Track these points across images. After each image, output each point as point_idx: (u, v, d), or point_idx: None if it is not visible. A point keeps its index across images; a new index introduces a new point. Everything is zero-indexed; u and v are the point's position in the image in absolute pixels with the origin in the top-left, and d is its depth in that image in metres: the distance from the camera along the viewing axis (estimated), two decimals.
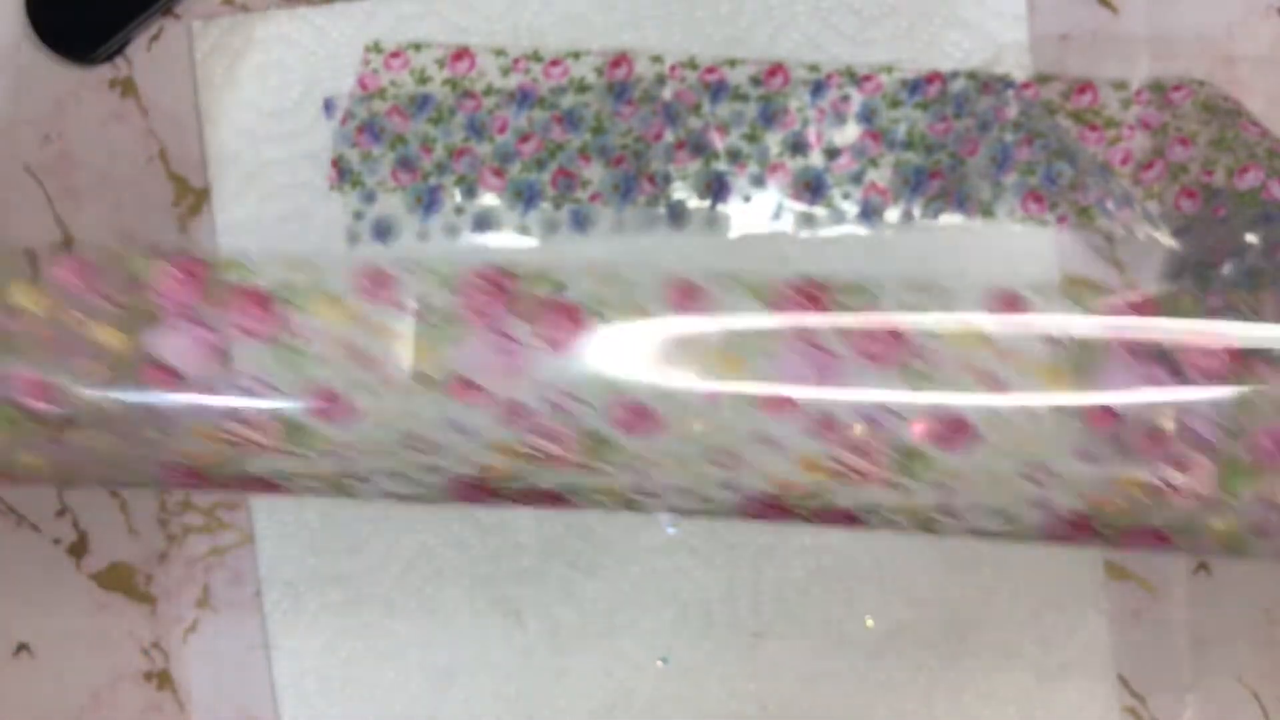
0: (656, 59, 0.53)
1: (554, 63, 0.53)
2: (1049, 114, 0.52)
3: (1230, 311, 0.47)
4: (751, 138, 0.52)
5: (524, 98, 0.53)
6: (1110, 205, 0.49)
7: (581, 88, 0.53)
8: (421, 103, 0.52)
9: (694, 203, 0.52)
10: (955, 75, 0.52)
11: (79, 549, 0.54)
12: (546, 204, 0.53)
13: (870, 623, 0.52)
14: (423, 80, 0.53)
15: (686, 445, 0.38)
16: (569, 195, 0.53)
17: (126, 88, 0.54)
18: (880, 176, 0.52)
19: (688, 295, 0.38)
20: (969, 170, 0.51)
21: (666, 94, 0.52)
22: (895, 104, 0.52)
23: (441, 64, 0.53)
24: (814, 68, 0.52)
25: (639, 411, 0.38)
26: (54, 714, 0.54)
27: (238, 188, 0.53)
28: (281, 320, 0.37)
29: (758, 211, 0.53)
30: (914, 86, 0.52)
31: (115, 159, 0.54)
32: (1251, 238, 0.47)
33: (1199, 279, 0.48)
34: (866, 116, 0.52)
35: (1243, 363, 0.37)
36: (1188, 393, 0.37)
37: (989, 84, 0.51)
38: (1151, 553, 0.37)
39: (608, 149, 0.53)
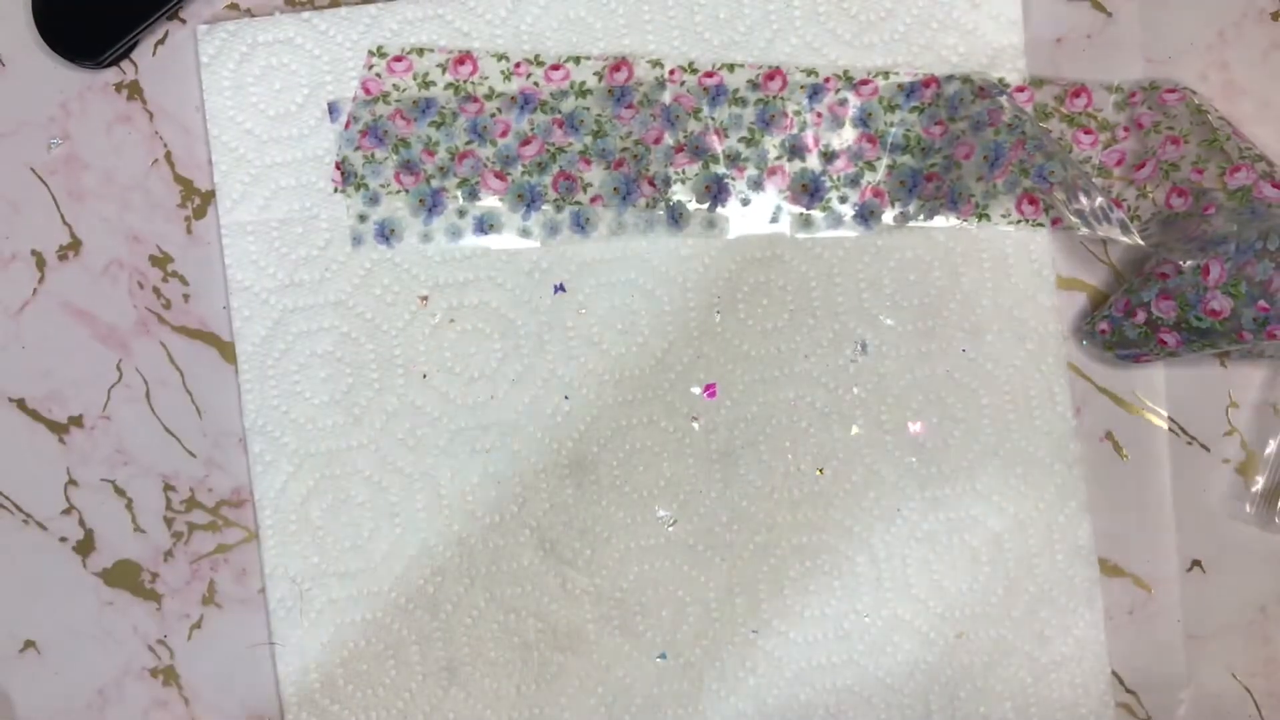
0: (656, 63, 0.53)
1: (555, 67, 0.53)
2: (1044, 117, 0.52)
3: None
4: (750, 141, 0.53)
5: (525, 101, 0.53)
6: (1087, 213, 0.50)
7: (582, 92, 0.53)
8: (424, 106, 0.53)
9: (693, 205, 0.53)
10: (950, 79, 0.52)
11: (85, 546, 0.54)
12: (548, 206, 0.53)
13: (867, 620, 0.52)
14: (425, 84, 0.53)
15: None
16: (570, 197, 0.53)
17: (132, 91, 0.54)
18: (877, 179, 0.53)
19: None
20: (964, 173, 0.52)
21: (666, 98, 0.53)
22: (892, 107, 0.53)
23: (444, 68, 0.53)
24: (811, 72, 0.53)
25: None
26: (61, 710, 0.54)
27: (243, 190, 0.53)
28: None
29: (756, 214, 0.53)
30: (910, 90, 0.53)
31: (121, 161, 0.54)
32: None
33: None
34: (863, 120, 0.53)
35: None
36: None
37: (984, 88, 0.51)
38: None
39: (608, 152, 0.53)
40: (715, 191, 0.53)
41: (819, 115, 0.53)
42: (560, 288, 0.53)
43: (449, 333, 0.53)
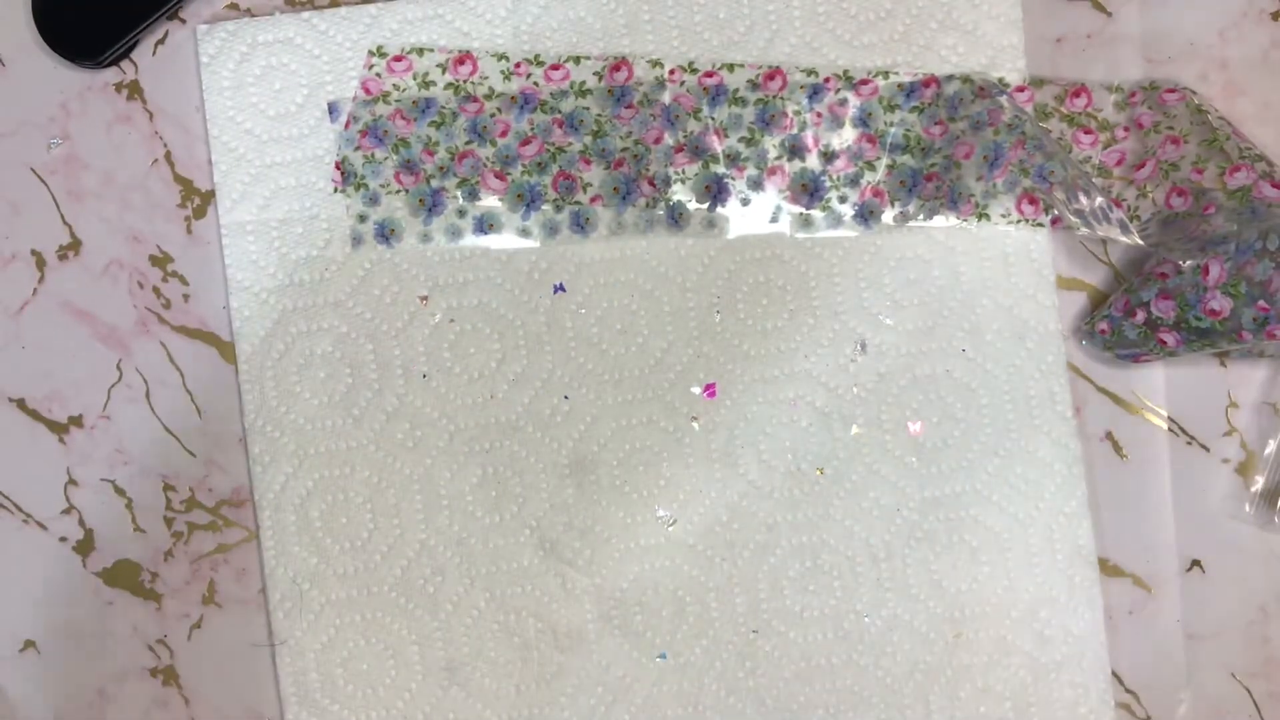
0: (656, 63, 0.53)
1: (555, 67, 0.53)
2: (1044, 117, 0.52)
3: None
4: (750, 141, 0.53)
5: (525, 101, 0.53)
6: (1087, 213, 0.50)
7: (582, 91, 0.53)
8: (424, 106, 0.53)
9: (693, 205, 0.53)
10: (951, 79, 0.52)
11: (85, 546, 0.54)
12: (548, 206, 0.53)
13: (867, 620, 0.52)
14: (425, 84, 0.53)
15: None
16: (570, 197, 0.53)
17: (132, 91, 0.54)
18: (877, 179, 0.53)
19: None
20: (964, 172, 0.52)
21: (666, 98, 0.53)
22: (891, 107, 0.53)
23: (444, 68, 0.53)
24: (811, 72, 0.53)
25: None
26: (61, 710, 0.54)
27: (243, 190, 0.53)
28: None
29: (756, 214, 0.53)
30: (910, 90, 0.53)
31: (121, 161, 0.54)
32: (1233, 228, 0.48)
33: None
34: (863, 120, 0.53)
35: None
36: None
37: (984, 88, 0.51)
38: None
39: (608, 152, 0.53)
40: (715, 191, 0.53)
41: (819, 115, 0.53)
42: (560, 288, 0.53)
43: (448, 333, 0.53)
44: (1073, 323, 0.53)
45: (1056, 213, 0.52)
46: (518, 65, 0.53)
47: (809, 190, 0.53)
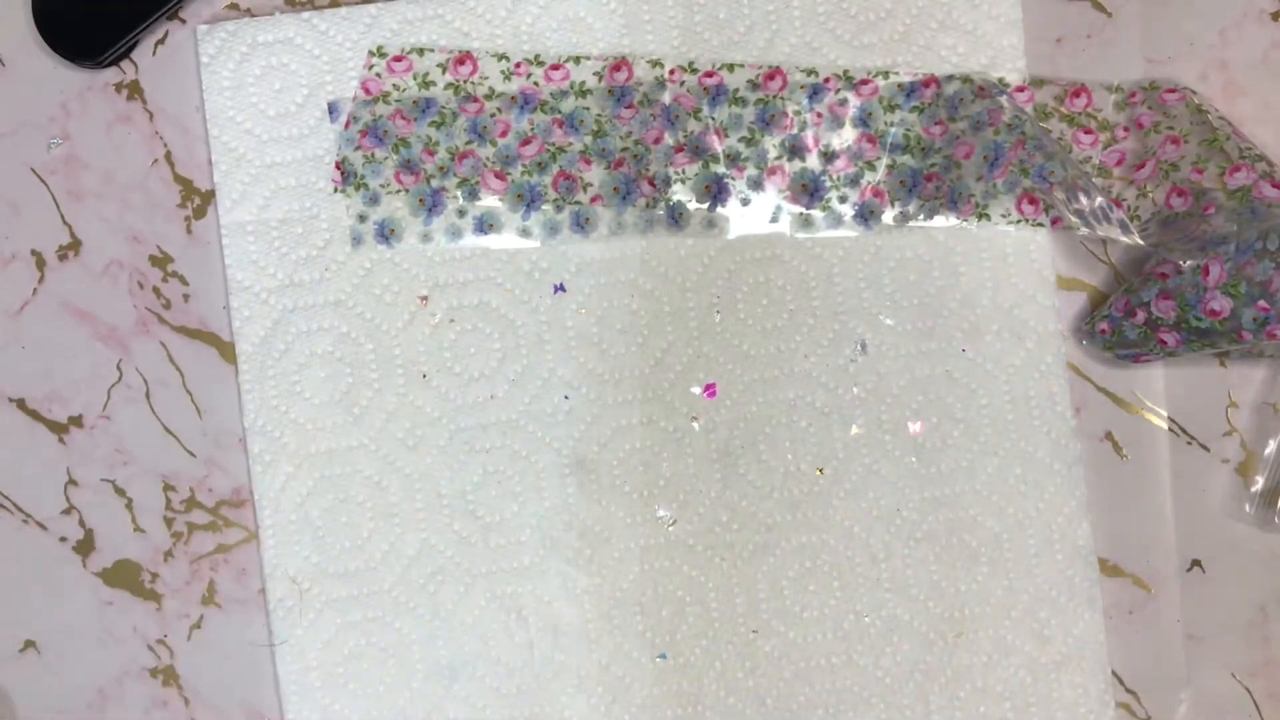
0: (656, 63, 0.53)
1: (555, 67, 0.53)
2: (1044, 117, 0.52)
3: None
4: (750, 141, 0.53)
5: (525, 101, 0.53)
6: (1087, 213, 0.50)
7: (582, 92, 0.53)
8: (424, 106, 0.53)
9: (693, 205, 0.53)
10: (951, 79, 0.52)
11: (85, 546, 0.54)
12: (548, 206, 0.53)
13: (866, 620, 0.52)
14: (425, 84, 0.53)
15: None
16: (570, 197, 0.53)
17: (132, 91, 0.54)
18: (877, 179, 0.53)
19: None
20: (964, 173, 0.52)
21: (666, 98, 0.53)
22: (891, 107, 0.53)
23: (444, 68, 0.53)
24: (811, 72, 0.53)
25: None
26: (61, 710, 0.54)
27: (243, 190, 0.53)
28: None
29: (756, 214, 0.53)
30: (910, 90, 0.53)
31: (121, 161, 0.54)
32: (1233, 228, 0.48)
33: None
34: (863, 120, 0.53)
35: None
36: None
37: (984, 88, 0.52)
38: None
39: (608, 152, 0.53)
40: (715, 191, 0.53)
41: (819, 115, 0.53)
42: (560, 288, 0.53)
43: (449, 333, 0.53)
44: (1073, 323, 0.53)
45: (1056, 213, 0.52)
46: (518, 65, 0.53)
47: (809, 190, 0.53)
